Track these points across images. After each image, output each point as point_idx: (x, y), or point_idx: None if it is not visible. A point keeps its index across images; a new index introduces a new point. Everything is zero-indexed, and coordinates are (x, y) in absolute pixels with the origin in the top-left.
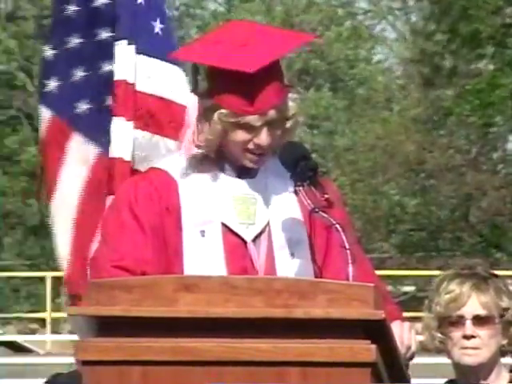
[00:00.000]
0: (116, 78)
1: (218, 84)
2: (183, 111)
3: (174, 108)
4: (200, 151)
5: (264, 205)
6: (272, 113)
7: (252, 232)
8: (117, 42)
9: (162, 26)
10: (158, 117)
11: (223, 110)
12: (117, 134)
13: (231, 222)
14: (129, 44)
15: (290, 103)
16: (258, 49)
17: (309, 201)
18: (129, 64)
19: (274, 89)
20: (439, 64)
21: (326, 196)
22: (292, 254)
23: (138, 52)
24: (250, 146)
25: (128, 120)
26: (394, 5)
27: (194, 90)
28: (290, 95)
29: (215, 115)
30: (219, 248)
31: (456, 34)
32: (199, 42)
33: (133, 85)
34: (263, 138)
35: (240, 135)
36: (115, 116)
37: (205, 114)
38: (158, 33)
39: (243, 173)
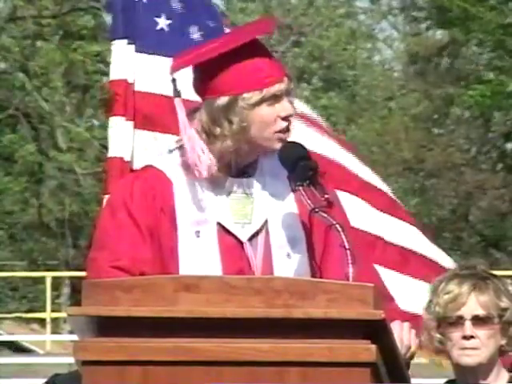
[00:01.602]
0: (115, 77)
1: (225, 78)
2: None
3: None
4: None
5: (261, 204)
6: (285, 80)
7: (248, 231)
8: (115, 42)
9: (168, 21)
10: (159, 115)
11: (245, 95)
12: (116, 134)
13: (226, 222)
14: (128, 43)
15: None
16: (244, 29)
17: (309, 201)
18: (128, 63)
19: (276, 60)
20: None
21: (325, 196)
22: (289, 254)
23: (138, 50)
24: (278, 123)
25: (128, 120)
26: (394, 4)
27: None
28: None
29: (238, 105)
30: (214, 249)
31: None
32: (190, 51)
33: (132, 84)
34: (287, 106)
35: (266, 112)
36: (115, 116)
37: (222, 115)
38: (162, 28)
39: (240, 172)
